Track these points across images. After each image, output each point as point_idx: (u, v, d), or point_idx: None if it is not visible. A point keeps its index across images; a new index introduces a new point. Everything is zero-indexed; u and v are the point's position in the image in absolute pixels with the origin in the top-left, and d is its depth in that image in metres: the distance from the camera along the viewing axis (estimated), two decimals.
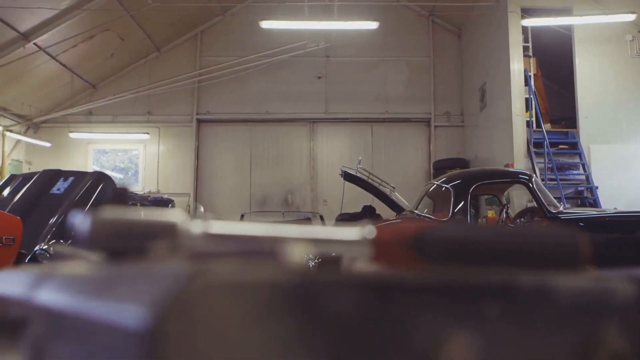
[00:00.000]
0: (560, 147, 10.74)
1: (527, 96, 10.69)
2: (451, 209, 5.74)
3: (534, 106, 10.59)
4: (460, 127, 14.36)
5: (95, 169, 12.63)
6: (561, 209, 6.05)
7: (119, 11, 11.50)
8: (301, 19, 11.96)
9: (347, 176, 7.73)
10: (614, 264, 1.08)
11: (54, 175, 6.33)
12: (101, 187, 6.12)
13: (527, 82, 10.76)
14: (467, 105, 14.12)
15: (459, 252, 0.49)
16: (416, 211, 6.41)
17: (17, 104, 12.68)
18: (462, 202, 5.76)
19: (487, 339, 0.40)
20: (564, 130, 11.17)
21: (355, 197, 10.19)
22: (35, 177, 6.27)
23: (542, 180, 9.40)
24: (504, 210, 6.58)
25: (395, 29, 14.18)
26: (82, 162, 13.96)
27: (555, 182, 9.97)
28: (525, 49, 11.08)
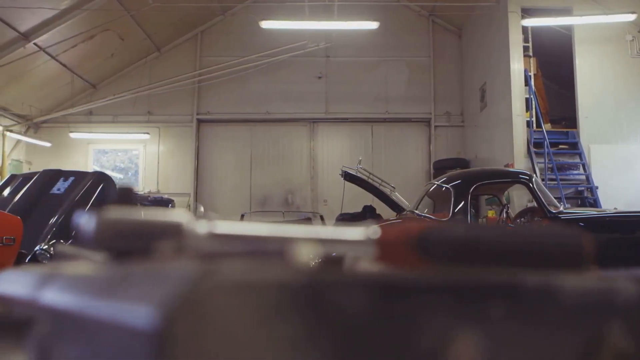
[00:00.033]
0: (560, 147, 10.74)
1: (527, 96, 10.69)
2: (451, 209, 5.74)
3: (534, 106, 10.59)
4: (460, 127, 14.36)
5: (95, 169, 12.63)
6: (561, 209, 6.04)
7: (119, 11, 11.50)
8: (301, 19, 11.95)
9: (348, 176, 7.73)
10: (615, 264, 1.08)
11: (54, 175, 6.32)
12: (101, 187, 6.12)
13: (527, 82, 10.76)
14: (467, 105, 14.11)
15: (464, 252, 0.49)
16: (416, 211, 6.40)
17: (17, 104, 12.68)
18: (463, 202, 5.76)
19: (491, 339, 0.40)
20: (564, 130, 11.17)
21: (355, 197, 10.18)
22: (35, 177, 6.26)
23: (542, 180, 9.40)
24: (504, 210, 6.58)
25: (395, 29, 14.17)
26: (83, 162, 13.96)
27: (555, 182, 9.97)
28: (525, 49, 11.08)
